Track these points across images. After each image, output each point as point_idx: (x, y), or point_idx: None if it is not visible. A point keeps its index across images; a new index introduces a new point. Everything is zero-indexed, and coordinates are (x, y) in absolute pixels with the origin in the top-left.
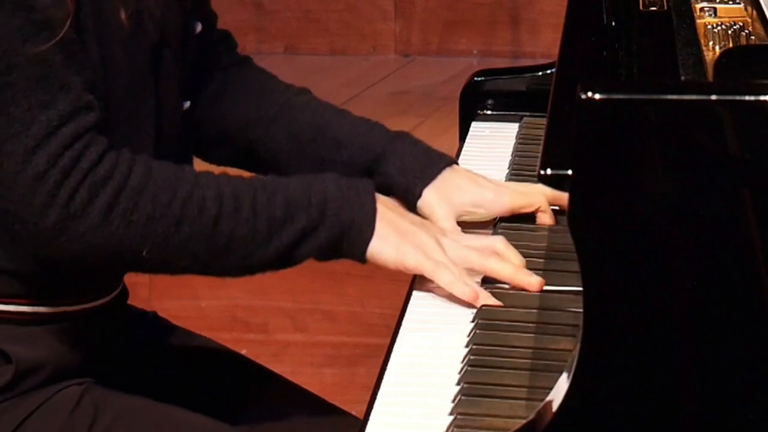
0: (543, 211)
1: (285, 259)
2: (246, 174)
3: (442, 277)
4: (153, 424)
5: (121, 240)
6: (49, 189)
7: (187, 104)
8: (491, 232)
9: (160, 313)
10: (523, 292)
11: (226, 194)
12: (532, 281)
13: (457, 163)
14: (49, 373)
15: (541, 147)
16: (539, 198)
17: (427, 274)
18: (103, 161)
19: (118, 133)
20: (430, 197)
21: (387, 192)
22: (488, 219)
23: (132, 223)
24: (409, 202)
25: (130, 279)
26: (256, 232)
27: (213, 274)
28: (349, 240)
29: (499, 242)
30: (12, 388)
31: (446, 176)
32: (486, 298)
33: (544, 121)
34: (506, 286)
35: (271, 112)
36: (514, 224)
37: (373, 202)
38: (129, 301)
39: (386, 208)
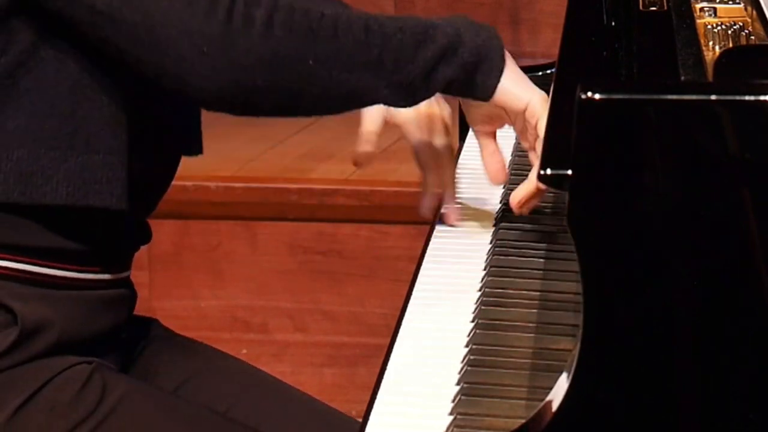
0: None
1: (428, 79)
2: None
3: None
4: (157, 408)
5: (287, 49)
6: (205, 8)
7: None
8: (492, 232)
9: (161, 313)
10: (523, 291)
11: (366, 16)
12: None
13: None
14: (55, 337)
15: (541, 147)
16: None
17: (542, 123)
18: None
19: None
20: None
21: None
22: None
23: (294, 33)
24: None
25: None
26: (403, 45)
27: (366, 97)
28: (484, 67)
29: None
30: (18, 348)
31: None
32: None
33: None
34: (507, 287)
35: None
36: (514, 224)
37: (501, 40)
38: None
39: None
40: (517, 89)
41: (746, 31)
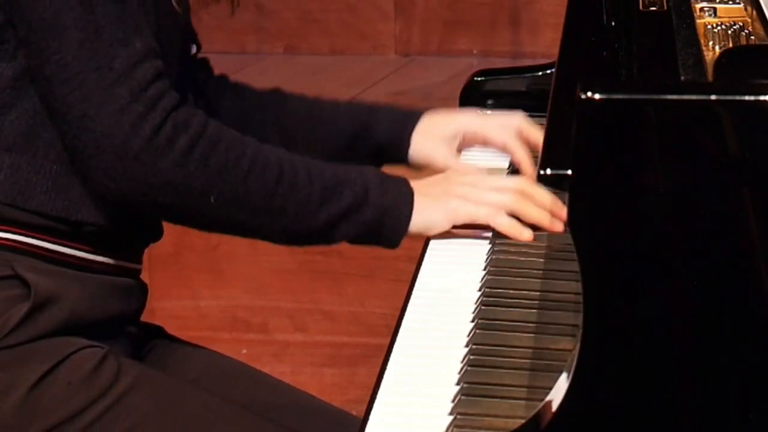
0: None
1: (328, 233)
2: None
3: (502, 222)
4: (168, 395)
5: (195, 181)
6: (133, 120)
7: None
8: (491, 233)
9: (160, 313)
10: (523, 291)
11: (286, 161)
12: (556, 226)
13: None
14: (66, 314)
15: (541, 147)
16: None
17: (483, 220)
18: (182, 107)
19: None
20: (418, 141)
21: (378, 153)
22: (487, 138)
23: (207, 168)
24: (401, 156)
25: None
26: (309, 199)
27: (258, 236)
28: (388, 222)
29: (523, 182)
30: (31, 320)
31: (427, 118)
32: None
33: (544, 121)
34: (507, 287)
35: (256, 120)
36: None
37: (409, 187)
38: None
39: (417, 183)
40: (436, 215)
41: (746, 31)
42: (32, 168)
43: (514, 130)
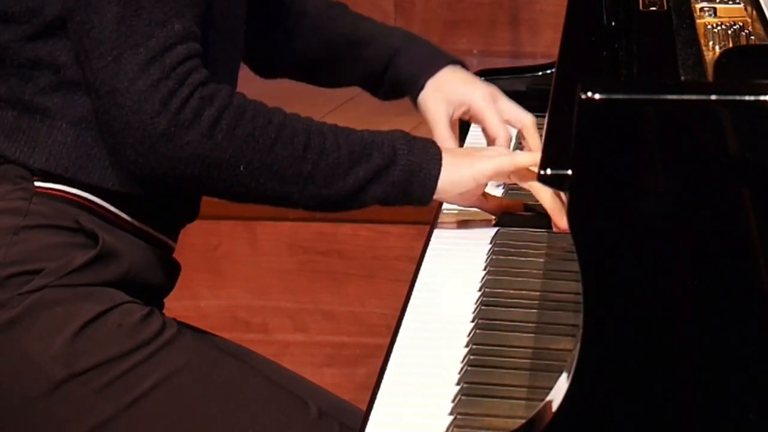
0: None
1: (357, 196)
2: None
3: (524, 157)
4: (205, 354)
5: (223, 152)
6: (163, 96)
7: None
8: (492, 232)
9: None
10: (523, 291)
11: (313, 128)
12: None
13: (464, 65)
14: (125, 268)
15: (541, 147)
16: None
17: (506, 165)
18: (209, 83)
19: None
20: (428, 91)
21: (395, 84)
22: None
23: (235, 138)
24: (413, 95)
25: None
26: (338, 163)
27: (290, 203)
28: (417, 180)
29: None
30: (93, 266)
31: (448, 72)
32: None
33: (544, 121)
34: (507, 287)
35: (306, 28)
36: (514, 225)
37: (437, 147)
38: None
39: (444, 148)
40: (464, 171)
41: (746, 31)
42: (96, 143)
43: (516, 129)
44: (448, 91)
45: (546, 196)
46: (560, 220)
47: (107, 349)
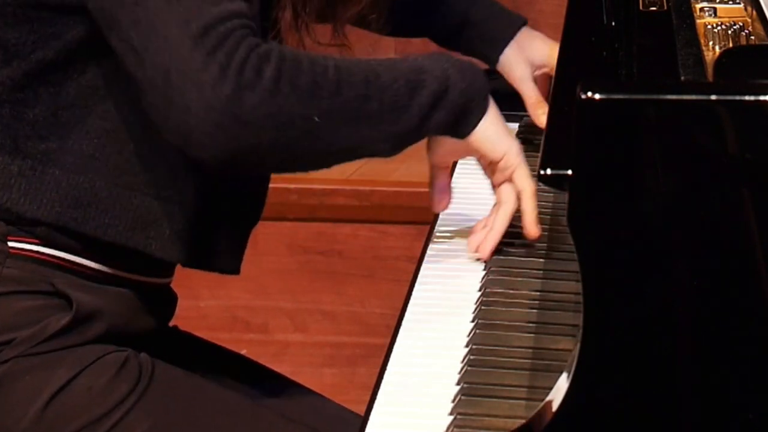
0: None
1: (424, 126)
2: None
3: (531, 184)
4: (185, 393)
5: (292, 106)
6: (221, 63)
7: None
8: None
9: None
10: (523, 291)
11: (363, 65)
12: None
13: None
14: (103, 328)
15: (541, 147)
16: None
17: (521, 173)
18: (261, 44)
19: None
20: (509, 54)
21: (469, 47)
22: None
23: (299, 88)
24: (493, 58)
25: None
26: (398, 94)
27: (366, 151)
28: (470, 106)
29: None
30: (69, 332)
31: (526, 34)
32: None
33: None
34: (507, 287)
35: None
36: (514, 224)
37: (486, 80)
38: None
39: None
40: (497, 137)
41: (746, 31)
42: (92, 189)
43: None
44: (529, 52)
45: (511, 198)
46: (531, 227)
47: (78, 417)
